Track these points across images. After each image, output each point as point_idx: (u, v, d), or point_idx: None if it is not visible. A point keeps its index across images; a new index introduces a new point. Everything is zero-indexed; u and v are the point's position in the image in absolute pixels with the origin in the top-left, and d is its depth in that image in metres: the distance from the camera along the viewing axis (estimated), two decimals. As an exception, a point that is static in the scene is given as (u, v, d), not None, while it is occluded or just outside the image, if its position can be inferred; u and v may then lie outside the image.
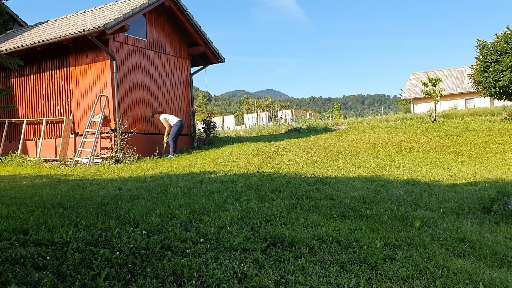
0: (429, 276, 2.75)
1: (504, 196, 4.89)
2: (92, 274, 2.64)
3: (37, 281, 2.53)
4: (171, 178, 7.87)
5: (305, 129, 19.74)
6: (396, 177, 7.88)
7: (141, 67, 13.23)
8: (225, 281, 2.62)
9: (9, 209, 4.60)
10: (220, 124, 35.21)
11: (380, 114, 30.20)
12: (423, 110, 34.13)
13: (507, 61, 17.09)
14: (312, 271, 2.80)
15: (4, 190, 6.60)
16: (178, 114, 14.63)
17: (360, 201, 5.25)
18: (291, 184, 6.64)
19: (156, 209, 4.54)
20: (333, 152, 12.16)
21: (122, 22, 11.70)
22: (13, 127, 13.86)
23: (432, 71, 40.83)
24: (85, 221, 3.97)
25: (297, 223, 3.99)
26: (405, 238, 3.58)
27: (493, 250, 3.32)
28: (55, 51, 12.98)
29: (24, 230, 3.63)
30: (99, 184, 7.34)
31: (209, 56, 15.44)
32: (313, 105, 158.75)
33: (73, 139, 12.69)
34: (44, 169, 10.82)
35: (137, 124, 12.79)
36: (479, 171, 8.74)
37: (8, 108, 13.75)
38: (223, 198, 5.36)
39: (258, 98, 67.86)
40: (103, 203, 4.99)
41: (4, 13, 10.21)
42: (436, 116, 19.50)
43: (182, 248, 3.19)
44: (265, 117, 40.02)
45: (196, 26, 14.48)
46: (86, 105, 12.54)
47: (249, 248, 3.23)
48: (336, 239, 3.49)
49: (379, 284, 2.62)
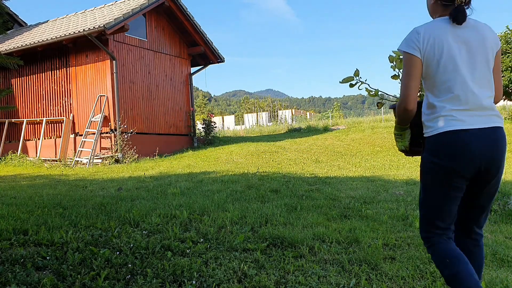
0: (429, 276, 2.75)
1: (504, 196, 4.89)
2: (92, 274, 2.64)
3: (37, 281, 2.53)
4: (171, 178, 7.87)
5: (305, 129, 19.74)
6: (396, 177, 7.88)
7: (141, 67, 13.23)
8: (225, 281, 2.62)
9: (9, 209, 4.60)
10: (220, 124, 35.22)
11: (380, 114, 30.19)
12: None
13: (507, 61, 17.10)
14: (312, 271, 2.80)
15: (4, 190, 6.60)
16: (178, 114, 14.64)
17: (360, 201, 5.25)
18: (291, 184, 6.65)
19: (156, 209, 4.54)
20: (333, 152, 12.17)
21: (122, 22, 11.70)
22: (13, 127, 13.86)
23: (432, 71, 40.78)
24: (85, 221, 3.98)
25: (297, 223, 3.99)
26: (405, 238, 3.58)
27: (493, 250, 3.32)
28: (55, 51, 12.98)
29: (24, 230, 3.63)
30: (99, 184, 7.34)
31: (209, 56, 15.44)
32: (313, 105, 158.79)
33: (73, 139, 12.69)
34: (44, 169, 10.82)
35: (137, 124, 12.79)
36: (479, 171, 8.74)
37: (8, 109, 13.75)
38: (223, 198, 5.36)
39: (258, 98, 67.85)
40: (103, 203, 4.99)
41: (4, 13, 10.21)
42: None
43: (182, 248, 3.19)
44: (265, 117, 40.05)
45: (196, 26, 14.48)
46: (86, 105, 12.54)
47: (249, 248, 3.23)
48: (336, 239, 3.49)
49: (379, 284, 2.62)
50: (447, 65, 1.93)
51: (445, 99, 1.94)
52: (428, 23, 2.01)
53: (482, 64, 1.95)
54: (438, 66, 1.94)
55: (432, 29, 1.95)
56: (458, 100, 1.92)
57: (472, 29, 1.95)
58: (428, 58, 1.94)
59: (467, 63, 1.93)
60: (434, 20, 2.02)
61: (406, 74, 1.97)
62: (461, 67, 1.92)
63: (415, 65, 1.95)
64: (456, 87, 1.92)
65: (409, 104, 1.97)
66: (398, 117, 2.10)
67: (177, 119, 14.54)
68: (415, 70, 1.95)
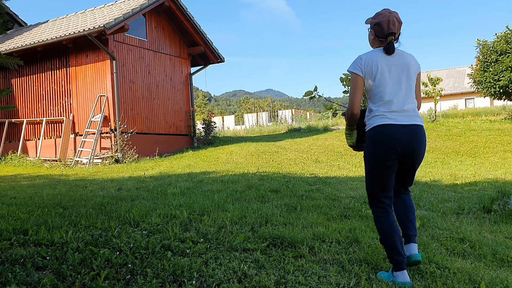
0: (429, 276, 2.75)
1: (504, 196, 4.89)
2: (92, 274, 2.64)
3: (37, 281, 2.53)
4: (171, 178, 7.87)
5: (305, 129, 19.73)
6: (396, 177, 7.87)
7: (141, 67, 13.23)
8: (225, 281, 2.62)
9: (9, 209, 4.60)
10: (220, 124, 35.20)
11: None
12: (423, 110, 34.04)
13: (507, 61, 17.09)
14: (312, 271, 2.80)
15: (4, 190, 6.60)
16: (178, 114, 14.64)
17: (360, 201, 5.25)
18: (291, 184, 6.64)
19: (156, 209, 4.54)
20: (333, 152, 12.17)
21: (122, 22, 11.70)
22: (13, 127, 13.86)
23: (432, 71, 40.79)
24: (85, 221, 3.98)
25: (297, 223, 3.99)
26: (405, 238, 3.58)
27: (493, 250, 3.32)
28: (55, 51, 12.98)
29: (24, 230, 3.63)
30: (99, 184, 7.34)
31: (209, 56, 15.44)
32: (313, 105, 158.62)
33: (73, 139, 12.69)
34: (44, 169, 10.82)
35: (137, 124, 12.79)
36: (479, 171, 8.75)
37: (8, 109, 13.75)
38: (223, 198, 5.36)
39: (258, 98, 67.83)
40: (103, 203, 4.99)
41: (4, 13, 10.21)
42: (436, 116, 19.50)
43: (182, 248, 3.19)
44: (265, 117, 40.03)
45: (196, 26, 14.47)
46: (86, 105, 12.54)
47: (249, 248, 3.23)
48: (336, 239, 3.49)
49: (379, 284, 2.62)
50: (380, 81, 2.70)
51: (379, 104, 2.71)
52: (368, 52, 2.79)
53: (405, 81, 2.72)
54: (374, 82, 2.71)
55: (371, 56, 2.74)
56: (387, 104, 2.69)
57: (399, 56, 2.75)
58: (367, 76, 2.72)
59: (394, 80, 2.71)
60: (373, 50, 2.80)
61: (353, 88, 2.76)
62: (389, 83, 2.70)
63: (359, 82, 2.73)
64: (386, 96, 2.70)
65: (355, 109, 2.74)
66: (347, 120, 2.82)
67: (177, 119, 14.54)
68: (359, 85, 2.73)
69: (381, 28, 2.75)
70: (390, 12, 2.77)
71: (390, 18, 2.74)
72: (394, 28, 2.72)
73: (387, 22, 2.73)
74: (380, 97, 2.70)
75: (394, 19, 2.74)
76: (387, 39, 2.72)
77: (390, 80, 2.70)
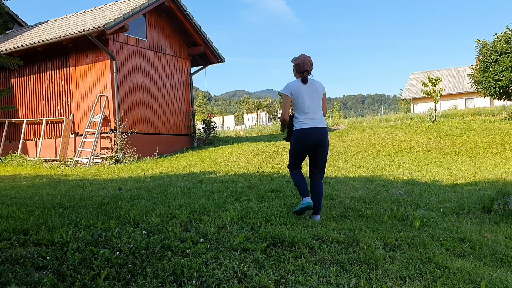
0: (429, 276, 2.75)
1: (504, 196, 4.89)
2: (92, 274, 2.64)
3: (37, 281, 2.53)
4: (171, 178, 7.87)
5: (305, 129, 19.70)
6: (396, 177, 7.89)
7: (141, 67, 13.24)
8: (225, 281, 2.62)
9: (9, 209, 4.60)
10: (220, 124, 35.20)
11: (380, 114, 30.20)
12: (423, 110, 34.10)
13: (507, 61, 17.09)
14: (312, 271, 2.80)
15: (4, 190, 6.60)
16: (178, 114, 14.64)
17: (360, 201, 5.25)
18: (291, 184, 6.64)
19: (156, 209, 4.54)
20: (333, 152, 12.17)
21: (122, 22, 11.70)
22: (13, 127, 13.86)
23: (432, 71, 40.80)
24: (85, 221, 3.97)
25: (297, 223, 3.99)
26: (405, 238, 3.58)
27: (493, 250, 3.32)
28: (55, 51, 12.98)
29: (24, 230, 3.62)
30: (99, 184, 7.34)
31: (209, 56, 15.45)
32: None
33: (73, 139, 12.69)
34: (44, 169, 10.83)
35: (137, 124, 12.80)
36: (479, 171, 8.75)
37: (8, 109, 13.75)
38: (223, 198, 5.36)
39: (258, 98, 67.83)
40: (103, 203, 4.99)
41: (4, 13, 10.20)
42: (436, 116, 19.51)
43: (182, 248, 3.19)
44: (265, 117, 40.03)
45: (196, 26, 14.48)
46: (86, 105, 12.54)
47: (249, 248, 3.23)
48: (336, 239, 3.49)
49: (379, 284, 2.62)
50: (301, 100, 4.24)
51: (301, 114, 4.25)
52: (293, 81, 4.33)
53: (316, 100, 4.29)
54: (297, 100, 4.25)
55: (295, 84, 4.29)
56: (305, 114, 4.23)
57: (311, 84, 4.30)
58: (293, 97, 4.26)
59: (309, 99, 4.25)
60: (296, 80, 4.34)
61: (284, 103, 4.32)
62: (307, 101, 4.24)
63: (288, 100, 4.28)
64: (304, 109, 4.24)
65: (285, 117, 4.36)
66: (281, 122, 4.45)
67: (177, 119, 14.54)
68: (287, 102, 4.29)
69: (299, 67, 4.29)
70: (305, 56, 4.30)
71: (305, 61, 4.27)
72: (307, 67, 4.27)
73: (303, 63, 4.27)
74: (301, 109, 4.24)
75: (307, 61, 4.27)
76: (303, 74, 4.27)
77: (307, 99, 4.23)
